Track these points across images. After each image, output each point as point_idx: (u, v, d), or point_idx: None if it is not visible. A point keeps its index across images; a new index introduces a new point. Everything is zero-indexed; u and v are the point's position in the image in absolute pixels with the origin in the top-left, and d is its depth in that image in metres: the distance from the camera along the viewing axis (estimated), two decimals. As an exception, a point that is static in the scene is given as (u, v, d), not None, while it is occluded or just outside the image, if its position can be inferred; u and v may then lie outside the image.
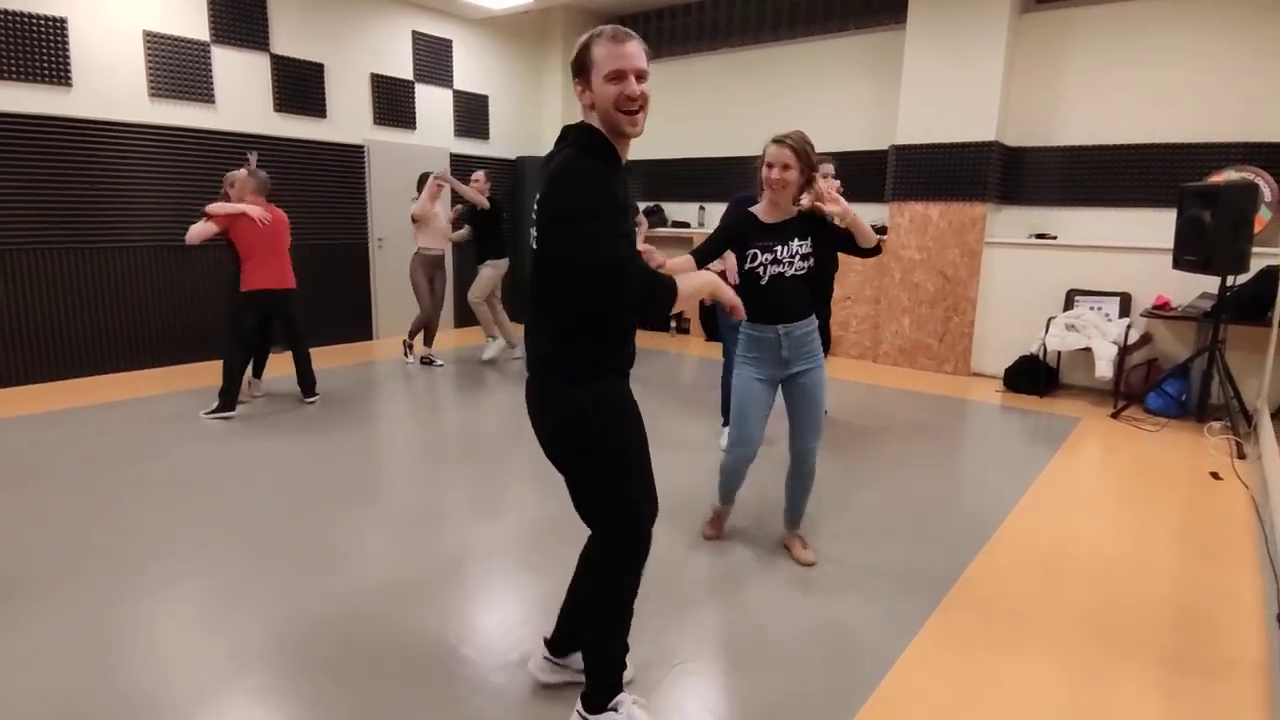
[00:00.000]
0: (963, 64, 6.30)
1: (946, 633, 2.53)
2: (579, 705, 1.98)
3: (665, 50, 8.79)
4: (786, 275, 2.77)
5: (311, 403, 5.29)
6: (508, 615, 2.60)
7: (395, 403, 5.51)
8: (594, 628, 1.97)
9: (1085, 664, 2.37)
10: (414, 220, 6.34)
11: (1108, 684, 2.27)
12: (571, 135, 1.81)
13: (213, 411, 4.86)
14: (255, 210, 4.81)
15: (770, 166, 2.70)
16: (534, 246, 1.81)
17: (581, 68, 1.79)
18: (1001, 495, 3.82)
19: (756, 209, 2.86)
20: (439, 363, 6.69)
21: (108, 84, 5.79)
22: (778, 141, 2.69)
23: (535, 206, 1.79)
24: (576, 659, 2.16)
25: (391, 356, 7.03)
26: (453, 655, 2.35)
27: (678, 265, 2.45)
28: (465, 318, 8.52)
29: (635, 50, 1.77)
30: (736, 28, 8.20)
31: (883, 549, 3.17)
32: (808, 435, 2.91)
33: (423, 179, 6.48)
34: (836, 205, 2.68)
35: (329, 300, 7.46)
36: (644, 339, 7.30)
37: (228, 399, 4.89)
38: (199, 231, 4.71)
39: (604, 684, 1.96)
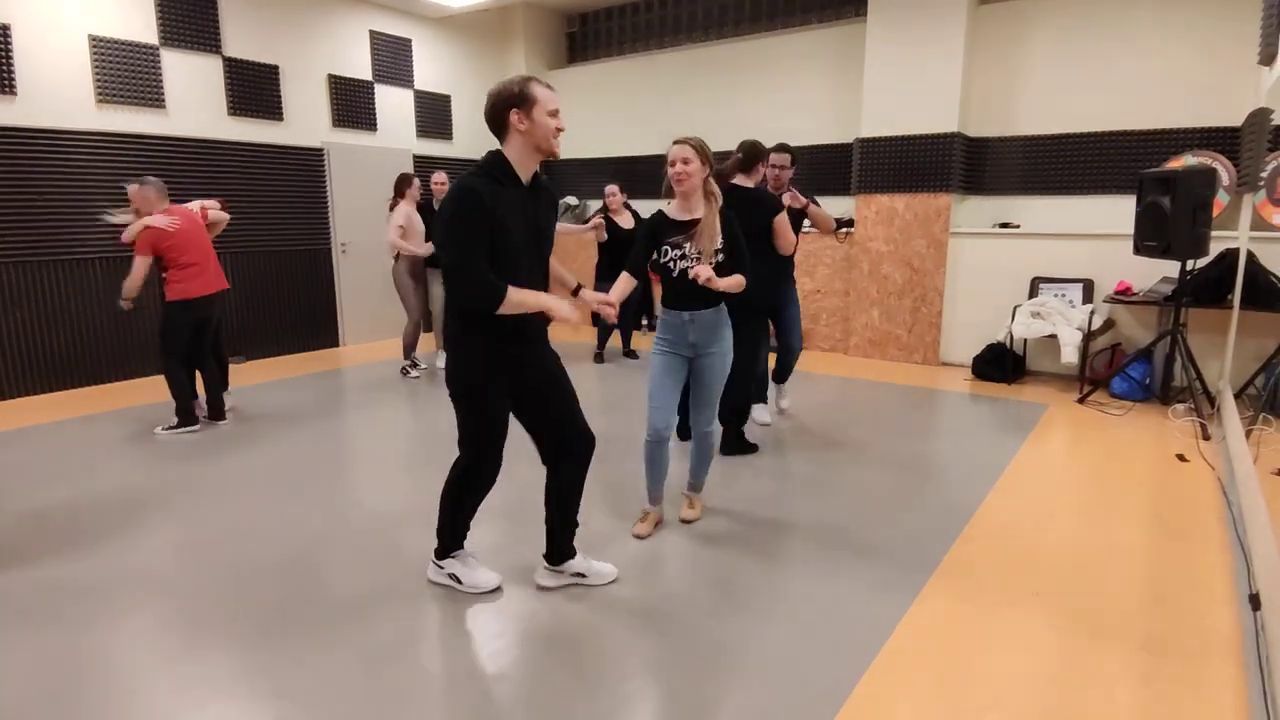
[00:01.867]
0: (923, 56, 6.34)
1: (925, 625, 2.52)
2: (433, 557, 2.79)
3: (628, 47, 8.75)
4: (691, 269, 2.90)
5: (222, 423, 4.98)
6: (484, 625, 2.55)
7: (368, 411, 5.41)
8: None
9: (1062, 650, 2.37)
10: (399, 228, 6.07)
11: (1085, 670, 2.27)
12: (482, 161, 2.37)
13: (172, 428, 4.72)
14: (161, 220, 4.53)
15: (672, 164, 2.90)
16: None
17: (524, 100, 2.31)
18: (973, 484, 3.84)
19: (668, 208, 3.07)
20: (417, 371, 6.53)
21: (54, 91, 5.60)
22: (678, 141, 2.91)
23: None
24: (571, 564, 2.76)
25: (360, 363, 6.91)
26: (424, 667, 2.29)
27: (617, 287, 2.93)
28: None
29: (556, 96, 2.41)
30: (699, 23, 8.19)
31: (858, 542, 3.16)
32: (702, 410, 3.19)
33: (401, 181, 6.14)
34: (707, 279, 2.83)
35: (292, 309, 7.32)
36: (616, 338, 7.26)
37: (185, 414, 4.73)
38: (139, 273, 4.48)
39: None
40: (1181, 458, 4.22)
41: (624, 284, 2.97)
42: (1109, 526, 3.33)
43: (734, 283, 2.95)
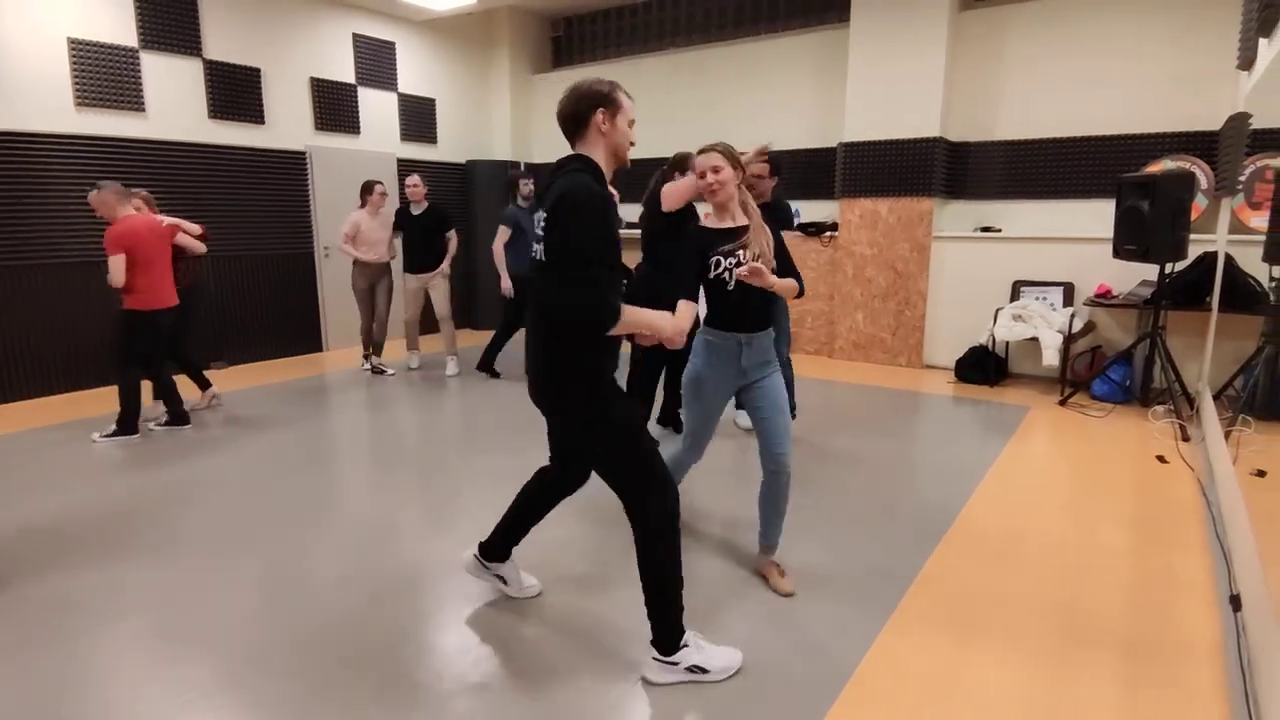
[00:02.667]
0: (905, 61, 6.38)
1: (908, 630, 2.53)
2: (654, 653, 2.24)
3: (613, 52, 8.76)
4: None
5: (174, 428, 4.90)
6: (465, 635, 2.53)
7: (347, 416, 5.37)
8: (650, 593, 2.22)
9: (1046, 654, 2.39)
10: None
11: (1069, 674, 2.29)
12: (575, 163, 2.15)
13: (109, 435, 4.64)
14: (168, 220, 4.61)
15: (701, 174, 2.66)
16: (542, 258, 2.11)
17: (610, 103, 2.17)
18: (956, 487, 3.86)
19: (705, 220, 2.78)
20: (390, 372, 6.58)
21: (32, 94, 5.53)
22: (704, 150, 2.67)
23: (541, 221, 2.10)
24: (500, 568, 2.69)
25: (344, 368, 6.86)
26: (409, 679, 2.27)
27: (684, 316, 2.51)
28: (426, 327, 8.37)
29: None
30: (683, 28, 8.21)
31: (842, 546, 3.17)
32: (776, 442, 2.74)
33: (364, 188, 6.28)
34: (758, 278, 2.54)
35: (275, 313, 7.26)
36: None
37: (126, 424, 4.65)
38: (119, 270, 4.41)
39: (671, 631, 2.24)
40: (1161, 459, 4.26)
41: (688, 312, 2.53)
42: (1090, 528, 3.36)
43: (788, 285, 2.66)
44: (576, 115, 2.17)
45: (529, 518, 2.63)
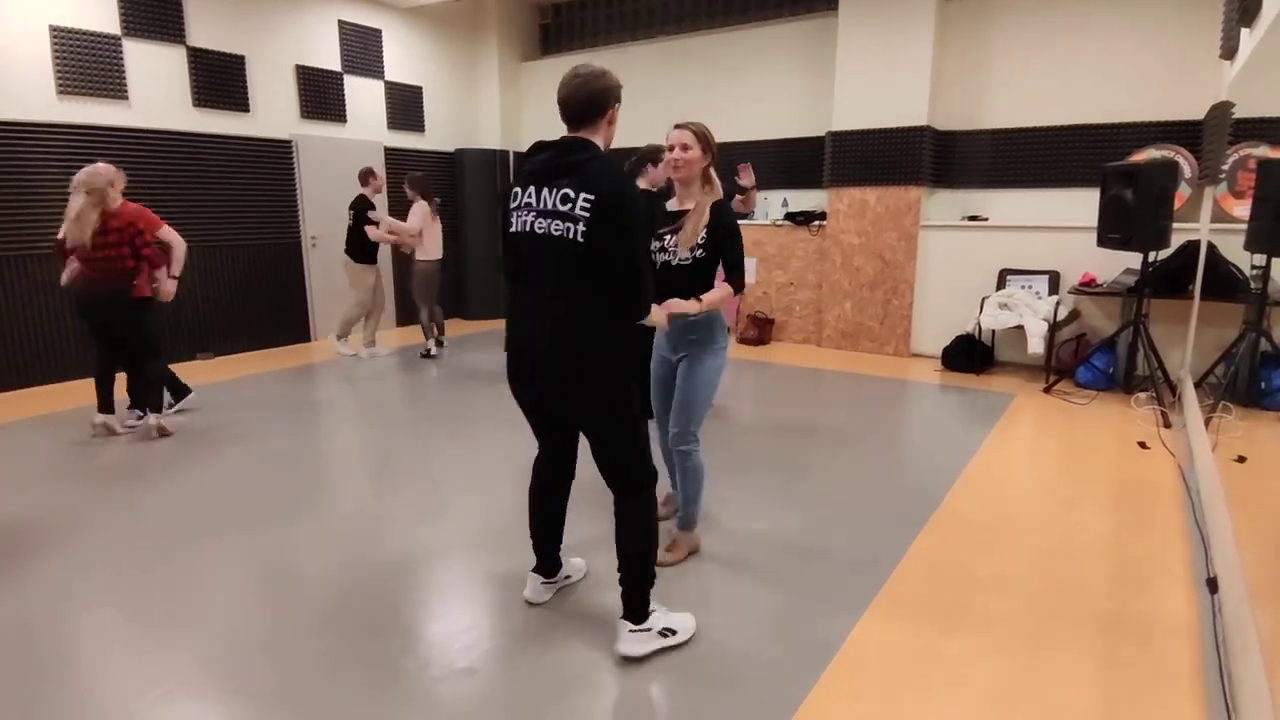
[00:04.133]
0: (893, 50, 6.38)
1: (891, 613, 2.56)
2: (628, 626, 2.30)
3: (601, 39, 8.71)
4: (672, 264, 2.74)
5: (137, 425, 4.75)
6: (451, 622, 2.55)
7: (336, 405, 5.36)
8: (635, 560, 2.31)
9: (1026, 635, 2.42)
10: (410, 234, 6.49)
11: (1048, 654, 2.32)
12: (609, 156, 2.18)
13: (174, 409, 4.87)
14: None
15: (670, 149, 2.69)
16: (579, 240, 2.08)
17: (620, 98, 2.22)
18: (942, 472, 3.90)
19: (671, 201, 2.83)
20: (364, 356, 6.79)
21: (13, 82, 5.46)
22: (679, 125, 2.69)
23: (585, 205, 2.07)
24: (561, 573, 2.68)
25: (333, 357, 6.84)
26: (396, 665, 2.28)
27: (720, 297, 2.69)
28: (407, 317, 8.37)
29: None
30: (672, 16, 8.18)
31: (829, 530, 3.20)
32: (676, 421, 2.83)
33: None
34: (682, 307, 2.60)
35: (262, 303, 7.21)
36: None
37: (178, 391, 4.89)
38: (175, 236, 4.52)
39: (644, 600, 2.34)
40: (1143, 445, 4.31)
41: (723, 295, 2.70)
42: (1072, 513, 3.40)
43: (712, 301, 2.66)
44: (598, 104, 2.15)
45: (556, 521, 2.59)
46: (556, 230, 2.10)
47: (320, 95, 7.49)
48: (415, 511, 3.44)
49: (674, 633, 2.36)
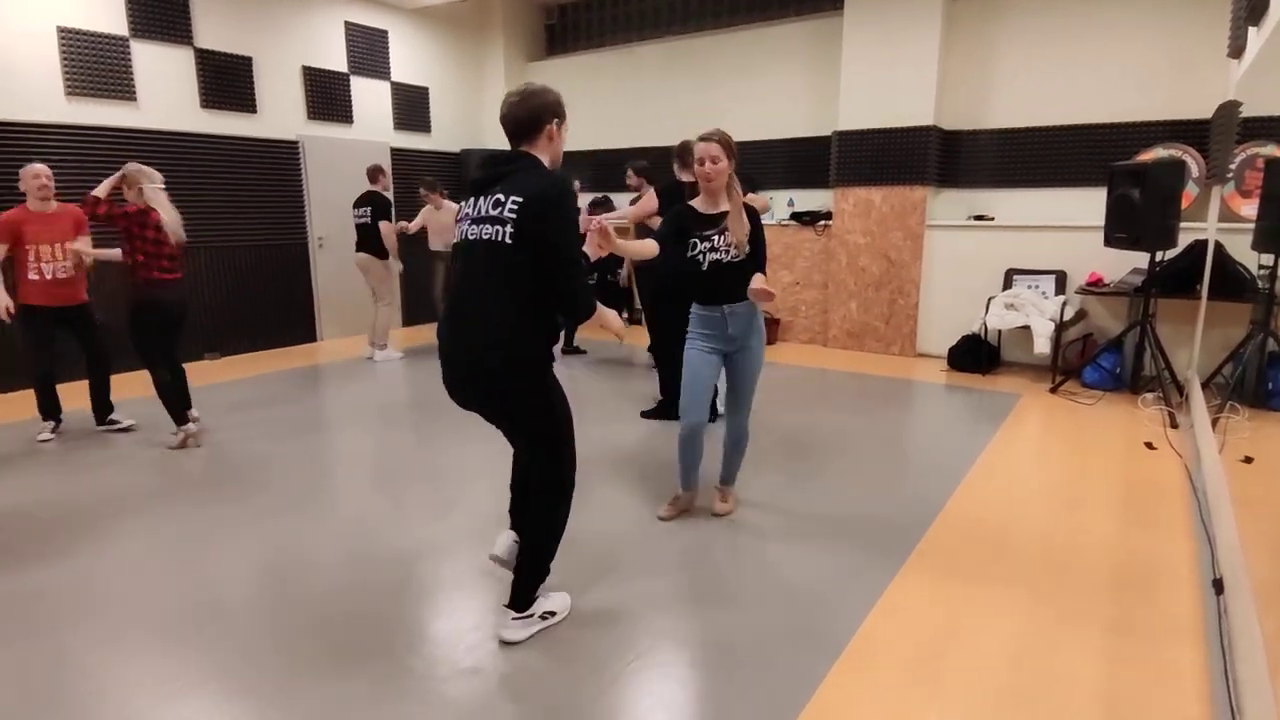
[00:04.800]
0: (899, 49, 6.37)
1: (896, 611, 2.56)
2: (511, 614, 2.39)
3: (608, 39, 8.73)
4: (724, 262, 2.98)
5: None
6: (459, 622, 2.55)
7: (343, 404, 5.39)
8: (533, 550, 2.41)
9: (1030, 634, 2.42)
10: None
11: (1053, 653, 2.32)
12: (544, 165, 2.26)
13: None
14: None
15: (700, 162, 2.94)
16: (507, 241, 2.13)
17: (563, 115, 2.31)
18: (948, 472, 3.89)
19: (695, 202, 3.08)
20: (379, 359, 6.69)
21: (21, 84, 5.50)
22: (704, 138, 2.93)
23: (513, 206, 2.13)
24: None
25: (341, 358, 6.87)
26: (403, 665, 2.29)
27: (639, 248, 2.94)
28: (412, 317, 8.38)
29: None
30: (678, 16, 8.18)
31: (836, 530, 3.20)
32: (740, 406, 3.22)
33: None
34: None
35: (268, 303, 7.25)
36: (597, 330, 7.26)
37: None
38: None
39: (531, 591, 2.43)
40: (1150, 445, 4.29)
41: (645, 248, 2.95)
42: (1078, 514, 3.39)
43: (635, 249, 2.91)
44: (535, 120, 2.24)
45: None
46: (487, 234, 2.16)
47: (327, 96, 7.52)
48: (422, 509, 3.45)
49: (554, 614, 2.48)
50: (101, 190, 4.20)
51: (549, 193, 2.15)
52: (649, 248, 2.96)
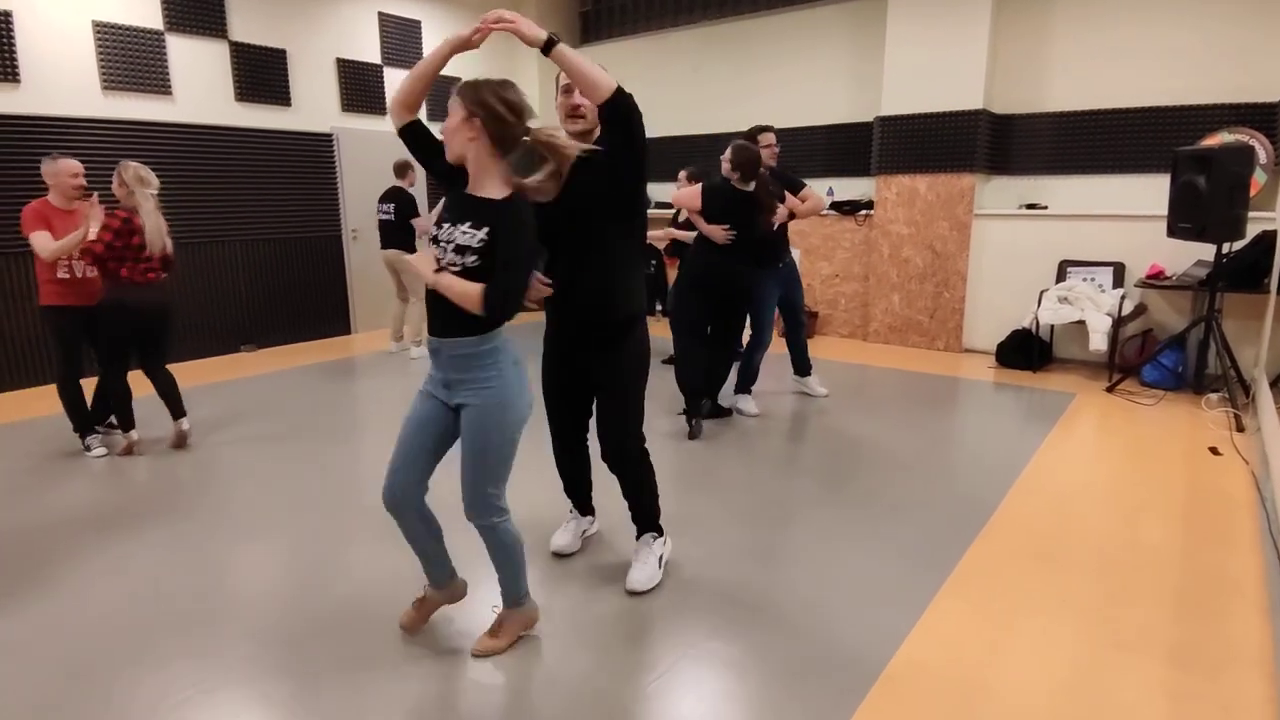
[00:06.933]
0: (946, 30, 6.09)
1: (938, 631, 2.39)
2: (650, 534, 2.76)
3: (642, 26, 8.56)
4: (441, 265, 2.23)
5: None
6: (468, 622, 2.46)
7: (376, 397, 5.36)
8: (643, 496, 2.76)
9: (1083, 660, 2.23)
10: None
11: (1107, 680, 2.14)
12: None
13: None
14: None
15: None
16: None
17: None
18: (996, 477, 3.69)
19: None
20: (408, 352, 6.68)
21: (58, 79, 5.55)
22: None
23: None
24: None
25: (373, 350, 6.86)
26: (418, 666, 2.20)
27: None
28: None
29: None
30: (714, 1, 7.97)
31: (870, 542, 3.03)
32: (469, 494, 2.22)
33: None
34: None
35: (302, 296, 7.27)
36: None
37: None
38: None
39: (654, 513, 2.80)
40: (1214, 450, 4.03)
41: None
42: (1136, 524, 3.17)
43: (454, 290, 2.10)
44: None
45: (583, 479, 2.96)
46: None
47: (361, 88, 7.49)
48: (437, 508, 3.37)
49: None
50: (93, 234, 3.88)
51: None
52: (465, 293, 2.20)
